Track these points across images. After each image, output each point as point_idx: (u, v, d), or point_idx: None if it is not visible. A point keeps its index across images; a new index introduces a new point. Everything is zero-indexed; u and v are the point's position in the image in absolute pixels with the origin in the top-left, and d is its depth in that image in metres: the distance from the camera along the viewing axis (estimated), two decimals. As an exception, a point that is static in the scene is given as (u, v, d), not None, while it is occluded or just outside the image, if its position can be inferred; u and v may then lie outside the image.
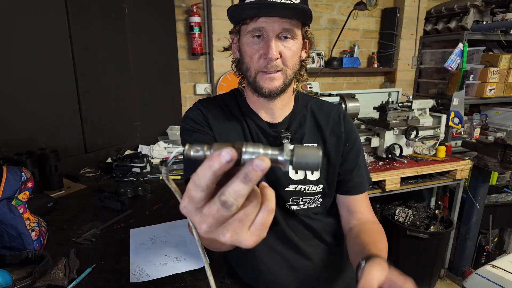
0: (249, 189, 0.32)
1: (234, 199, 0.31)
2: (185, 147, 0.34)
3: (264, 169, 0.31)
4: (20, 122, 1.65)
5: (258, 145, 0.33)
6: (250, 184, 0.31)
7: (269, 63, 0.76)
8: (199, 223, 0.34)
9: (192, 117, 0.88)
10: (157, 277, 0.93)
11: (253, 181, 0.31)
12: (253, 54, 0.78)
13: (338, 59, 2.89)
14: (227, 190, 0.31)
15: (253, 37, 0.77)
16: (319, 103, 0.95)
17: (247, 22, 0.76)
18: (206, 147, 0.34)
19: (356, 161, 0.92)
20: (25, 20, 1.61)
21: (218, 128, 0.88)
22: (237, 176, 0.31)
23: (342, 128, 0.90)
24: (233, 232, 0.34)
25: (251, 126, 0.88)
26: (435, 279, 2.40)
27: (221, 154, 0.31)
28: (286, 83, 0.80)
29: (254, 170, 0.31)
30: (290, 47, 0.77)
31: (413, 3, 2.99)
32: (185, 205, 0.34)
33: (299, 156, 0.33)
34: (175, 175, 1.81)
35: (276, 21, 0.73)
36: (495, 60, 2.78)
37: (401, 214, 2.40)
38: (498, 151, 2.11)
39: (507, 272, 1.37)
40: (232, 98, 0.93)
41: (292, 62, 0.79)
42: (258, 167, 0.31)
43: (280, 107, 0.87)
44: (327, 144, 0.89)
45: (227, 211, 0.32)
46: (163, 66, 2.43)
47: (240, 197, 0.31)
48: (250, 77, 0.81)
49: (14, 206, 1.01)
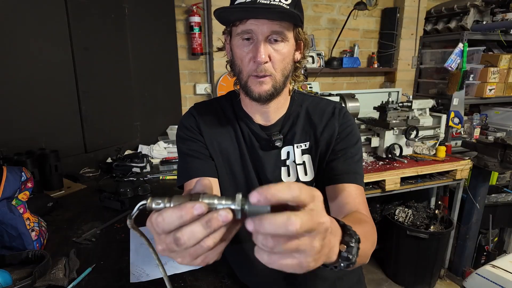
0: (205, 234, 0.34)
1: (187, 239, 0.34)
2: (147, 200, 0.37)
3: (226, 221, 0.34)
4: (20, 122, 1.65)
5: (214, 197, 0.36)
6: (208, 230, 0.34)
7: (258, 66, 0.75)
8: (156, 243, 0.38)
9: (186, 124, 0.89)
10: (157, 277, 0.93)
11: (212, 228, 0.34)
12: (243, 57, 0.77)
13: (338, 59, 2.89)
14: (184, 230, 0.35)
15: (243, 40, 0.75)
16: (316, 102, 0.92)
17: (236, 24, 0.74)
18: (167, 200, 0.37)
19: (344, 152, 0.86)
20: (25, 20, 1.61)
21: (209, 134, 0.88)
22: (199, 220, 0.34)
23: (336, 123, 0.87)
24: (183, 259, 0.38)
25: (244, 129, 0.88)
26: (435, 279, 2.40)
27: (194, 207, 0.34)
28: (276, 87, 0.78)
29: (217, 219, 0.34)
30: (280, 50, 0.75)
31: (413, 3, 2.99)
32: (148, 226, 0.37)
33: (251, 205, 0.35)
34: (175, 175, 1.81)
35: (265, 23, 0.71)
36: (495, 60, 2.78)
37: (401, 214, 2.40)
38: (498, 151, 2.11)
39: (507, 272, 1.37)
40: (228, 100, 0.92)
41: (282, 66, 0.77)
42: (222, 217, 0.34)
43: (274, 109, 0.86)
44: (319, 141, 0.87)
45: (176, 247, 0.35)
46: (163, 66, 2.43)
47: (193, 239, 0.34)
48: (242, 80, 0.80)
49: (14, 206, 1.02)
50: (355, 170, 0.84)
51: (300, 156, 0.88)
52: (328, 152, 0.86)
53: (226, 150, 0.88)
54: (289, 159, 0.88)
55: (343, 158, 0.85)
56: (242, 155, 0.88)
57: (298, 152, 0.88)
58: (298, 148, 0.88)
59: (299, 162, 0.88)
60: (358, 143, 0.88)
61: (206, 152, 0.87)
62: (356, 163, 0.86)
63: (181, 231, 0.34)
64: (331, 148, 0.86)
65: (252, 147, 0.88)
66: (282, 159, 0.88)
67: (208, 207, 0.35)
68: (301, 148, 0.88)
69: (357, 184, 0.82)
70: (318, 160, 0.88)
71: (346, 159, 0.85)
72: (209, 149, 0.88)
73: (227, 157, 0.88)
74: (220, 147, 0.88)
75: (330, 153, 0.86)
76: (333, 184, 0.82)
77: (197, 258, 0.38)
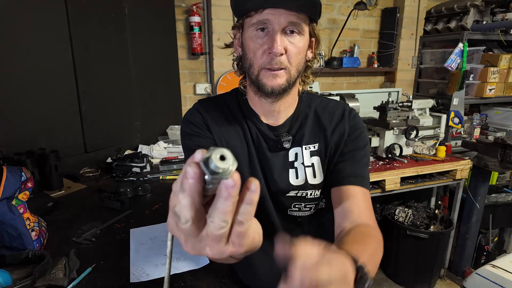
0: (188, 200, 0.31)
1: (179, 210, 0.31)
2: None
3: (193, 178, 0.30)
4: (20, 122, 1.65)
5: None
6: (186, 193, 0.30)
7: (273, 59, 0.72)
8: (179, 239, 0.34)
9: (192, 120, 0.86)
10: (157, 277, 0.93)
11: (187, 191, 0.30)
12: (256, 49, 0.73)
13: (338, 59, 2.89)
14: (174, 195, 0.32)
15: (257, 30, 0.72)
16: (325, 103, 0.89)
17: (252, 14, 0.72)
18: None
19: (352, 154, 0.84)
20: (25, 20, 1.61)
21: (217, 131, 0.85)
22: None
23: (346, 125, 0.85)
24: (209, 248, 0.33)
25: (252, 129, 0.85)
26: (435, 279, 2.40)
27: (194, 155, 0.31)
28: (289, 82, 0.76)
29: (186, 178, 0.30)
30: (296, 43, 0.73)
31: (413, 3, 2.99)
32: (169, 222, 0.34)
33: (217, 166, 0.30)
34: (175, 175, 1.82)
35: (283, 14, 0.69)
36: (495, 60, 2.78)
37: (401, 214, 2.40)
38: (498, 151, 2.11)
39: (507, 272, 1.37)
40: (234, 98, 0.89)
41: (297, 60, 0.75)
42: (188, 173, 0.30)
43: (283, 109, 0.84)
44: (329, 143, 0.85)
45: (179, 222, 0.32)
46: (163, 66, 2.42)
47: (183, 208, 0.31)
48: (252, 74, 0.76)
49: (14, 206, 1.02)
50: (362, 174, 0.81)
51: (309, 158, 0.85)
52: (337, 154, 0.84)
53: (234, 149, 0.84)
54: (297, 161, 0.85)
55: (350, 160, 0.83)
56: (251, 156, 0.85)
57: (306, 154, 0.85)
58: (306, 150, 0.85)
59: (307, 164, 0.85)
60: (366, 147, 0.86)
61: None
62: (363, 167, 0.84)
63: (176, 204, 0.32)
64: (339, 150, 0.84)
65: (260, 148, 0.85)
66: (290, 160, 0.85)
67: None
68: (310, 149, 0.85)
69: (363, 187, 0.79)
70: (328, 163, 0.85)
71: (353, 162, 0.82)
72: (218, 146, 0.85)
73: (236, 157, 0.85)
74: (228, 146, 0.85)
75: (339, 155, 0.84)
76: (339, 186, 0.80)
77: (228, 242, 0.33)
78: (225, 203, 0.30)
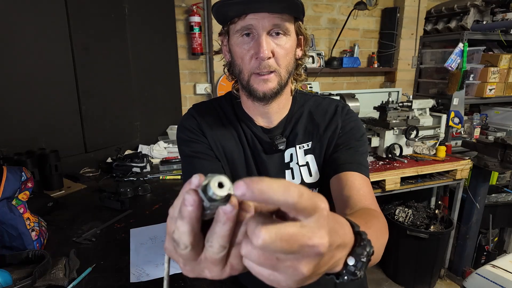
0: (187, 227, 0.29)
1: (178, 236, 0.30)
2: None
3: (192, 205, 0.29)
4: (20, 122, 1.65)
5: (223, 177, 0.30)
6: (185, 220, 0.29)
7: (261, 63, 0.71)
8: (177, 262, 0.33)
9: (187, 126, 0.86)
10: (157, 277, 0.93)
11: (186, 218, 0.29)
12: (244, 55, 0.73)
13: (338, 59, 2.89)
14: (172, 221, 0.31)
15: (243, 36, 0.72)
16: (318, 101, 0.89)
17: (235, 20, 0.71)
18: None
19: (347, 144, 0.82)
20: (25, 20, 1.61)
21: (212, 136, 0.85)
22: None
23: (339, 120, 0.85)
24: (208, 270, 0.33)
25: (246, 132, 0.85)
26: (435, 279, 2.40)
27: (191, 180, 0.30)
28: (281, 85, 0.76)
29: (184, 205, 0.29)
30: (283, 45, 0.72)
31: (413, 3, 2.99)
32: (166, 246, 0.33)
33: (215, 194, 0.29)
34: (175, 175, 1.82)
35: (266, 17, 0.68)
36: (495, 60, 2.78)
37: (401, 214, 2.40)
38: (498, 151, 2.11)
39: (507, 272, 1.37)
40: (228, 101, 0.89)
41: (285, 61, 0.74)
42: (187, 200, 0.29)
43: (276, 110, 0.84)
44: (323, 141, 0.85)
45: (178, 248, 0.31)
46: (163, 66, 2.43)
47: (182, 234, 0.30)
48: (243, 80, 0.76)
49: (14, 206, 1.02)
50: (358, 161, 0.78)
51: (303, 157, 0.85)
52: (331, 149, 0.84)
53: (231, 154, 0.85)
54: (292, 161, 0.86)
55: (345, 149, 0.81)
56: (247, 159, 0.85)
57: (300, 153, 0.85)
58: (300, 149, 0.85)
59: (302, 163, 0.85)
60: (363, 137, 0.85)
61: (212, 153, 0.84)
62: (361, 155, 0.81)
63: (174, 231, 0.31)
64: (333, 144, 0.84)
65: (256, 151, 0.85)
66: (286, 162, 0.86)
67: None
68: (304, 148, 0.86)
69: (362, 174, 0.75)
70: (323, 160, 0.85)
71: (348, 150, 0.81)
72: (214, 151, 0.84)
73: (232, 160, 0.86)
74: (224, 150, 0.85)
75: (333, 147, 0.83)
76: (336, 174, 0.77)
77: (226, 264, 0.33)
78: (223, 228, 0.30)
